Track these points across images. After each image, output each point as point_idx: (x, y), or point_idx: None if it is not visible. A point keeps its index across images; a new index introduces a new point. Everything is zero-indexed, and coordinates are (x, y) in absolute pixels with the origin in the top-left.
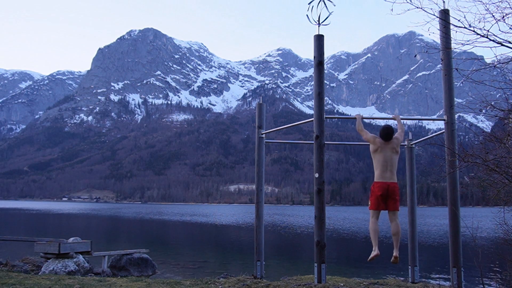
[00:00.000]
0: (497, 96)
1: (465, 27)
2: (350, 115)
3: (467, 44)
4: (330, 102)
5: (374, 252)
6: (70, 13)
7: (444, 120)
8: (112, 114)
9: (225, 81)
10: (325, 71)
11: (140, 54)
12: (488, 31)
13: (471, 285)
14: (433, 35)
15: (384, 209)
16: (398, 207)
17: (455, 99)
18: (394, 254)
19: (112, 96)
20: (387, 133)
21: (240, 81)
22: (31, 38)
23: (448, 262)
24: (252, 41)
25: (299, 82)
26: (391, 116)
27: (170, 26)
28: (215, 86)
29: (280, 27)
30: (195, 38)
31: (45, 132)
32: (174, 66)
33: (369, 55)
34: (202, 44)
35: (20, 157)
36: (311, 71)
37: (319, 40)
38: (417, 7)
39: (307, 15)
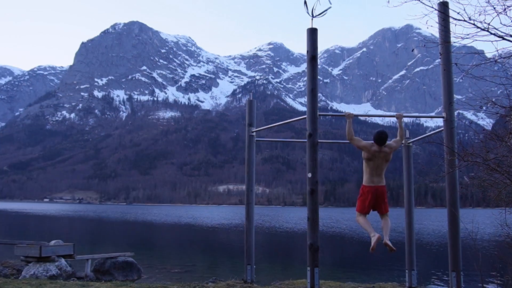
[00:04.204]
0: (498, 92)
1: (464, 20)
2: (344, 112)
3: (467, 38)
4: (323, 98)
5: (374, 237)
6: (52, 5)
7: (443, 117)
8: (96, 111)
9: (213, 76)
10: (319, 66)
11: (125, 48)
12: (489, 24)
13: None
14: (431, 28)
15: (369, 212)
16: (387, 209)
17: (454, 95)
18: (384, 241)
19: (96, 93)
20: (381, 137)
21: (229, 77)
22: (10, 31)
23: (447, 265)
24: (242, 35)
25: (291, 77)
26: (393, 114)
27: (156, 19)
28: (204, 82)
29: (272, 20)
30: (183, 31)
31: (25, 130)
32: (161, 61)
33: (364, 49)
34: (189, 38)
35: None
36: (303, 66)
37: (312, 34)
38: None
39: (305, 4)
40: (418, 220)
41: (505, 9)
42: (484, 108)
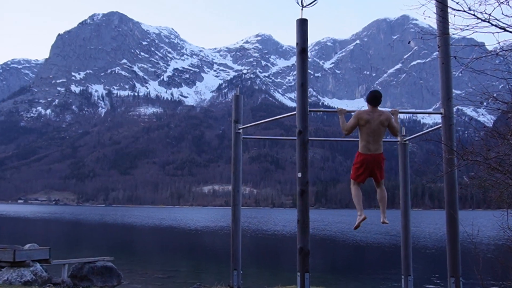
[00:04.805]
0: (500, 87)
1: (464, 11)
2: (337, 108)
3: (466, 30)
4: (314, 93)
5: (361, 216)
6: None
7: (441, 113)
8: (73, 107)
9: (198, 70)
10: (309, 59)
11: (104, 40)
12: (489, 15)
13: None
14: (429, 19)
15: (364, 181)
16: (383, 175)
17: (453, 90)
18: (381, 220)
19: (73, 87)
20: (375, 96)
21: (214, 71)
22: None
23: (445, 271)
24: (228, 26)
25: (280, 71)
26: (388, 110)
27: (137, 9)
28: (187, 76)
29: (259, 10)
30: (165, 23)
31: None
32: (142, 53)
33: (357, 41)
34: (172, 29)
35: None
36: (293, 60)
37: (302, 25)
38: None
39: None
40: (414, 223)
41: None
42: (484, 104)
